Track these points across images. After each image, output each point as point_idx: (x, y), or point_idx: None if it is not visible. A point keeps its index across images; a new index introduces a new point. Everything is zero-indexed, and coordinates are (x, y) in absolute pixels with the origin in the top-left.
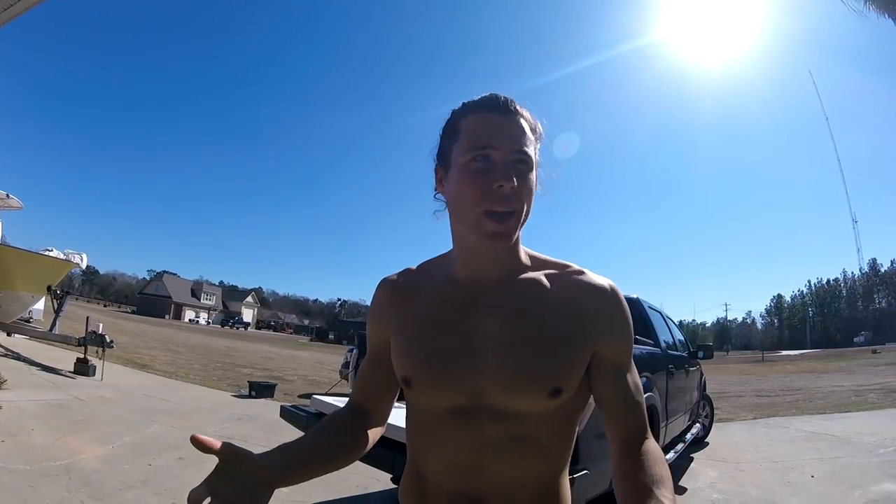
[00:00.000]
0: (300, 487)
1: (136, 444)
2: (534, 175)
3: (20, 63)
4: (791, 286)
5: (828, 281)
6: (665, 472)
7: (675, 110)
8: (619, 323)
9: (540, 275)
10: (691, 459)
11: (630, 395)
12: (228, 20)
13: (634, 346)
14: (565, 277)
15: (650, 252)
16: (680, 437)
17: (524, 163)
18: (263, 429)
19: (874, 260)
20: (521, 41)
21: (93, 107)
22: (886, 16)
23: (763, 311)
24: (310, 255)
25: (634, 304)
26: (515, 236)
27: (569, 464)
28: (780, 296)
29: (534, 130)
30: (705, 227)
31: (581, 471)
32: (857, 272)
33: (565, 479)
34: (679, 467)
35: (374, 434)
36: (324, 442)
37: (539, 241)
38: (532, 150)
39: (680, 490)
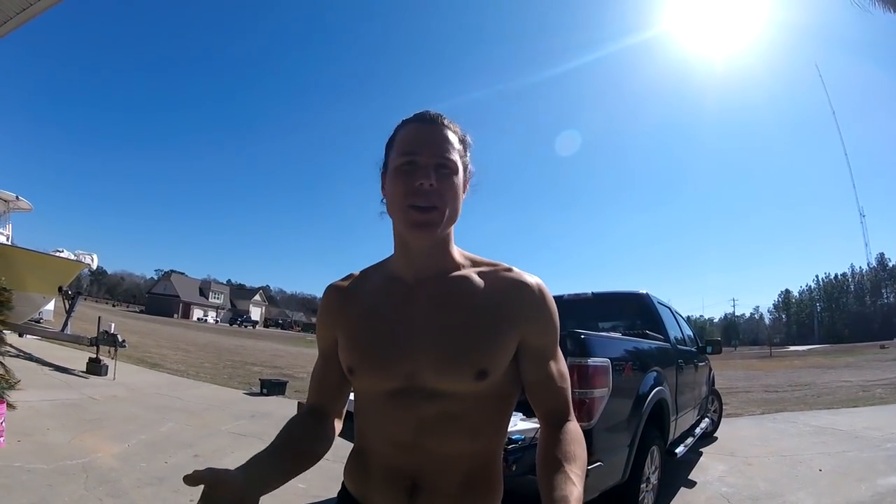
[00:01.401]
0: (313, 485)
1: (152, 442)
2: (458, 178)
3: (28, 66)
4: (799, 281)
5: (835, 276)
6: (578, 451)
7: (680, 104)
8: (542, 313)
9: (471, 272)
10: (700, 453)
11: (552, 380)
12: (235, 20)
13: (646, 340)
14: (494, 274)
15: (658, 248)
16: (689, 432)
17: (446, 167)
18: (277, 426)
19: (882, 254)
20: (525, 36)
21: (100, 109)
22: (892, 11)
23: (771, 306)
24: (317, 253)
25: (643, 299)
26: (440, 230)
27: (502, 444)
28: (787, 291)
29: (461, 140)
30: (712, 222)
31: (595, 462)
32: (864, 267)
33: (498, 459)
34: (688, 461)
35: (336, 430)
36: (290, 450)
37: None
38: (456, 156)
39: (689, 483)
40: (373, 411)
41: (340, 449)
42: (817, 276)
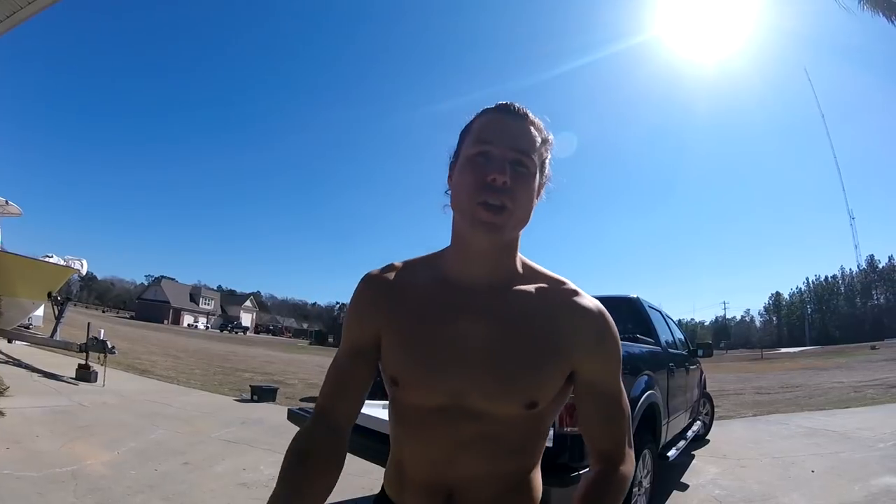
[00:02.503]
0: None
1: (142, 450)
2: (534, 180)
3: (16, 70)
4: (789, 284)
5: (826, 278)
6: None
7: (670, 108)
8: (604, 345)
9: (532, 287)
10: (693, 456)
11: (604, 413)
12: (227, 26)
13: (636, 344)
14: (556, 294)
15: (648, 251)
16: (681, 435)
17: (522, 165)
18: (268, 432)
19: (872, 256)
20: (517, 39)
21: (90, 114)
22: (880, 14)
23: (762, 308)
24: (308, 259)
25: (634, 303)
26: (508, 233)
27: (541, 457)
28: (778, 293)
29: (544, 140)
30: (703, 225)
31: (587, 467)
32: (854, 269)
33: (536, 476)
34: (681, 464)
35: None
36: (313, 483)
37: (536, 242)
38: (534, 155)
39: (682, 486)
40: (411, 423)
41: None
42: (808, 279)
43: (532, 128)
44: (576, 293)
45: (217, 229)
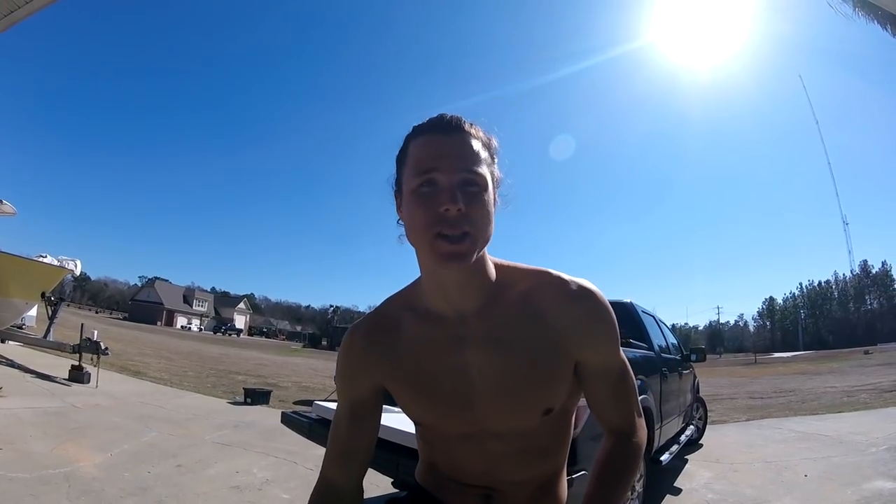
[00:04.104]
0: (297, 494)
1: (135, 452)
2: (488, 194)
3: (10, 70)
4: (783, 289)
5: (819, 283)
6: (624, 473)
7: (665, 114)
8: (600, 326)
9: (514, 295)
10: (686, 461)
11: (610, 389)
12: (225, 27)
13: (628, 349)
14: (542, 288)
15: (642, 256)
16: (674, 439)
17: (473, 184)
18: (261, 435)
19: (865, 261)
20: (513, 45)
21: (85, 114)
22: (875, 20)
23: (755, 313)
24: (302, 262)
25: (627, 308)
26: (473, 256)
27: (568, 451)
28: (772, 298)
29: (487, 146)
30: (696, 230)
31: (579, 471)
32: (848, 274)
33: (564, 474)
34: (674, 468)
35: None
36: None
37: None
38: (483, 168)
39: (675, 491)
40: (441, 446)
41: (320, 459)
42: (801, 284)
43: (472, 139)
44: (561, 282)
45: (211, 231)
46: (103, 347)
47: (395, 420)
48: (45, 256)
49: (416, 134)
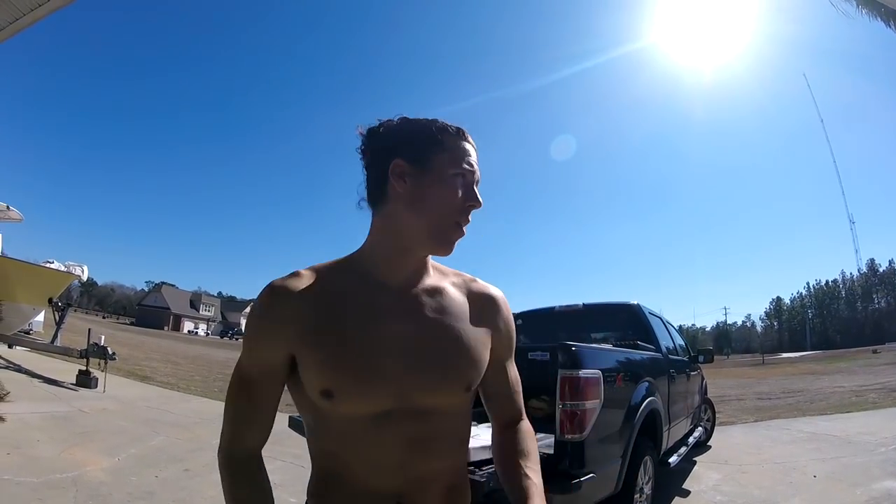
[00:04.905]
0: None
1: (142, 456)
2: None
3: (17, 75)
4: (790, 288)
5: (826, 282)
6: (533, 447)
7: (669, 114)
8: (509, 325)
9: (446, 281)
10: (694, 463)
11: (511, 384)
12: (227, 26)
13: (637, 351)
14: (466, 285)
15: (649, 257)
16: (682, 441)
17: None
18: (268, 439)
19: (872, 260)
20: (516, 46)
21: (91, 120)
22: (878, 19)
23: (762, 314)
24: (309, 264)
25: (634, 310)
26: None
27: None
28: (779, 298)
29: None
30: (703, 231)
31: (588, 475)
32: (855, 273)
33: (467, 476)
34: (682, 470)
35: None
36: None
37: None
38: None
39: (683, 493)
40: (350, 435)
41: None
42: (808, 283)
43: None
44: (479, 282)
45: (218, 236)
46: (110, 352)
47: None
48: (52, 262)
49: (454, 134)
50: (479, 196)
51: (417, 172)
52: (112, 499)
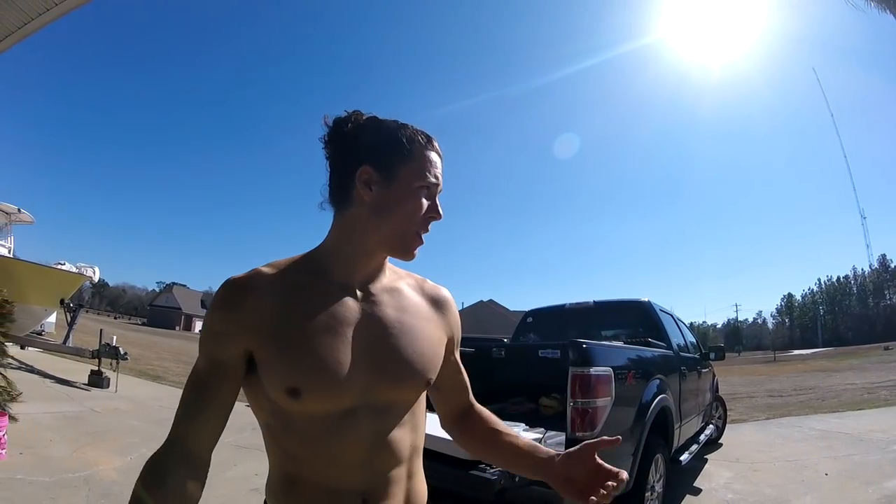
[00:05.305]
0: None
1: None
2: None
3: (25, 74)
4: (801, 285)
5: (838, 278)
6: (498, 419)
7: (677, 110)
8: (458, 322)
9: (401, 282)
10: (705, 460)
11: (464, 375)
12: (235, 15)
13: (648, 348)
14: (420, 285)
15: (659, 254)
16: (694, 439)
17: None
18: None
19: (884, 256)
20: (521, 42)
21: (101, 119)
22: (888, 12)
23: (774, 310)
24: None
25: (645, 307)
26: None
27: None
28: (790, 295)
29: None
30: (713, 227)
31: None
32: (866, 268)
33: (422, 471)
34: (693, 468)
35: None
36: None
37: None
38: None
39: (695, 491)
40: (315, 433)
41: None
42: (819, 280)
43: None
44: (430, 283)
45: (229, 235)
46: (122, 352)
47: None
48: (64, 264)
49: (423, 143)
50: (440, 209)
51: (384, 182)
52: (124, 497)
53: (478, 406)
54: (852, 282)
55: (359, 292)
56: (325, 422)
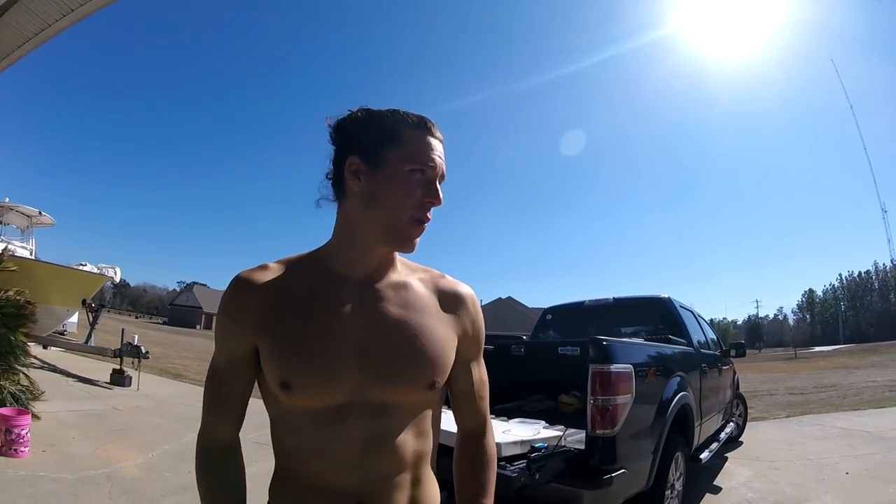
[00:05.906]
0: None
1: (176, 452)
2: None
3: (48, 78)
4: (822, 280)
5: (859, 273)
6: (492, 476)
7: (692, 104)
8: (478, 324)
9: (412, 277)
10: (725, 458)
11: (476, 386)
12: (244, 14)
13: (668, 345)
14: (434, 281)
15: (678, 250)
16: (714, 437)
17: (442, 182)
18: None
19: None
20: (534, 35)
21: (117, 121)
22: None
23: (795, 306)
24: None
25: (665, 303)
26: None
27: (435, 447)
28: (811, 290)
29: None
30: (732, 222)
31: (619, 470)
32: (888, 263)
33: (433, 476)
34: (713, 466)
35: None
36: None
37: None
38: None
39: (714, 489)
40: (308, 430)
41: None
42: (840, 275)
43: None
44: (447, 279)
45: (250, 234)
46: (144, 351)
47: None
48: (85, 265)
49: (410, 125)
50: (439, 192)
51: (370, 170)
52: (146, 494)
53: (485, 449)
54: (874, 277)
55: (359, 287)
56: (317, 417)
